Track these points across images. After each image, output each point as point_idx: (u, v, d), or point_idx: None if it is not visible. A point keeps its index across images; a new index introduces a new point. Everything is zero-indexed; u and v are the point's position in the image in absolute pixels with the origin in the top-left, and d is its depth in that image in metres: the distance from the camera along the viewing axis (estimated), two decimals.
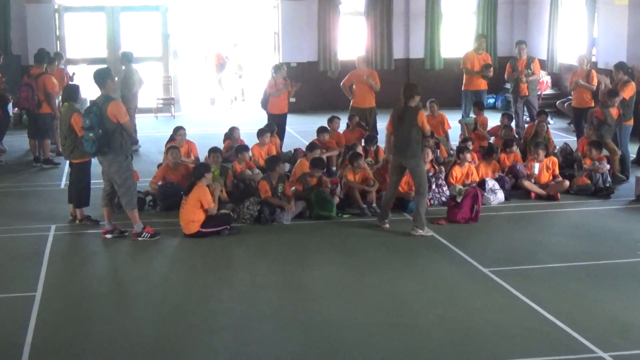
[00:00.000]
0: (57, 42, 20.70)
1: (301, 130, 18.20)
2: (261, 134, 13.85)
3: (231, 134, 14.43)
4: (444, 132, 15.14)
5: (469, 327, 7.77)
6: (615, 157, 13.58)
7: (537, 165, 12.79)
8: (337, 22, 21.61)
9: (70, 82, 16.55)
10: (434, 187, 12.07)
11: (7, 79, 16.19)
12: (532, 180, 12.75)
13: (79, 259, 10.15)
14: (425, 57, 22.14)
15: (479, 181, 12.48)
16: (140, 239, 10.56)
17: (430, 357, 7.21)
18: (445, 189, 12.21)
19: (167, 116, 20.96)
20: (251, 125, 16.56)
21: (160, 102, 21.26)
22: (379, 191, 12.06)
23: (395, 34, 21.93)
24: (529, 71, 16.59)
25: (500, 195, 12.35)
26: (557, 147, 14.92)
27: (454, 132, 15.78)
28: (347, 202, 11.92)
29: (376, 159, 13.51)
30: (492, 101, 21.27)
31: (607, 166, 13.05)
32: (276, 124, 15.01)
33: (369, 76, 15.61)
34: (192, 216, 10.65)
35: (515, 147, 13.63)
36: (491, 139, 14.92)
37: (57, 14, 20.87)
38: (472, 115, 16.28)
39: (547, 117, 15.53)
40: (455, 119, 16.61)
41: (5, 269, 9.66)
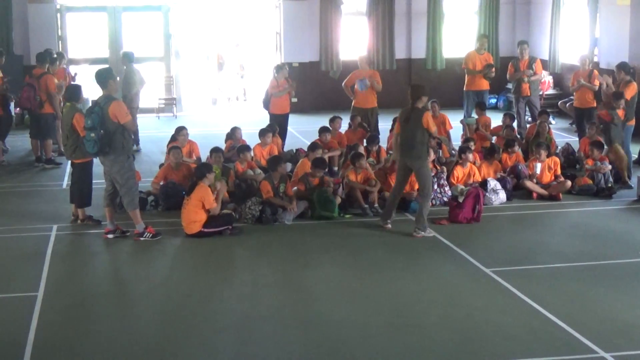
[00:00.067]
0: (59, 42, 20.73)
1: (303, 130, 18.20)
2: (263, 134, 13.86)
3: (233, 134, 14.44)
4: (446, 132, 15.15)
5: (471, 327, 7.77)
6: (623, 164, 13.36)
7: (539, 165, 12.79)
8: (338, 22, 21.61)
9: (72, 82, 16.57)
10: (435, 187, 12.06)
11: (9, 79, 16.19)
12: (534, 180, 12.75)
13: (80, 259, 10.16)
14: (427, 57, 22.13)
15: (480, 181, 12.48)
16: (142, 239, 10.57)
17: (431, 357, 7.21)
18: (447, 189, 12.21)
19: (169, 116, 20.97)
20: (253, 125, 16.57)
21: (162, 102, 21.28)
22: (380, 191, 12.07)
23: (397, 34, 21.93)
24: (531, 71, 16.59)
25: (502, 195, 12.35)
26: (559, 147, 14.92)
27: (455, 132, 15.78)
28: (348, 202, 11.92)
29: (378, 159, 13.51)
30: (493, 101, 21.28)
31: (609, 166, 13.03)
32: (278, 124, 15.02)
33: (369, 78, 15.60)
34: (194, 216, 10.65)
35: (517, 147, 13.64)
36: (493, 139, 14.93)
37: (59, 14, 20.90)
38: (474, 115, 16.28)
39: (549, 117, 15.54)
40: (457, 119, 16.60)
41: (7, 268, 9.67)
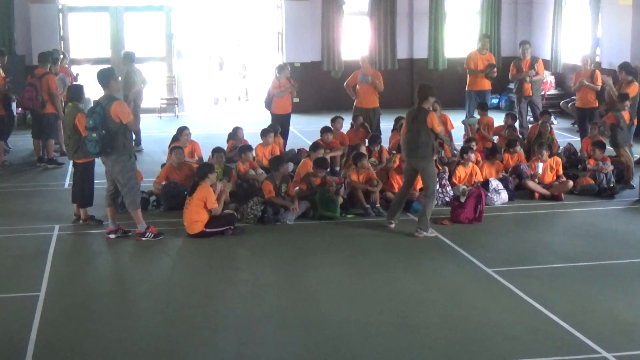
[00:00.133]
0: (61, 42, 20.73)
1: (305, 130, 18.19)
2: (265, 134, 13.86)
3: (235, 134, 14.44)
4: (447, 132, 15.13)
5: (472, 327, 7.76)
6: (629, 166, 13.31)
7: (540, 165, 12.78)
8: (340, 22, 21.61)
9: (74, 82, 16.58)
10: (437, 187, 12.05)
11: (11, 79, 16.21)
12: (536, 180, 12.74)
13: (82, 258, 10.16)
14: (429, 57, 22.13)
15: (482, 181, 12.48)
16: (143, 239, 10.56)
17: (433, 357, 7.20)
18: (448, 189, 12.21)
19: (171, 116, 20.98)
20: (255, 125, 16.57)
21: (164, 102, 21.28)
22: (382, 191, 12.06)
23: (399, 34, 21.93)
24: (533, 71, 16.58)
25: (504, 195, 12.35)
26: (561, 147, 14.92)
27: (457, 132, 15.77)
28: (350, 203, 11.92)
29: (380, 159, 13.51)
30: (495, 101, 21.27)
31: (611, 166, 13.02)
32: (280, 124, 15.02)
33: (372, 76, 15.60)
34: (196, 216, 10.64)
35: (518, 147, 13.63)
36: (495, 139, 14.92)
37: (61, 14, 20.91)
38: (475, 115, 16.27)
39: (551, 117, 15.52)
40: (459, 119, 16.60)
41: (9, 268, 9.67)
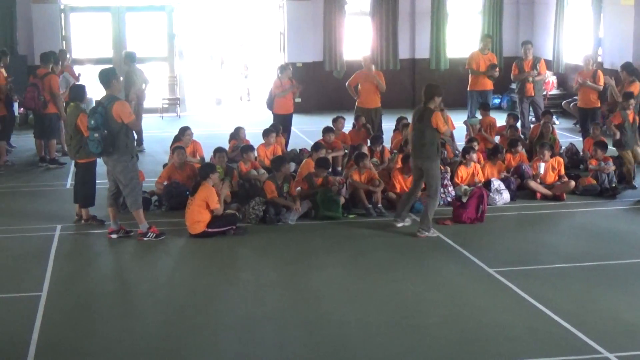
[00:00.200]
0: (63, 42, 20.74)
1: (306, 130, 18.19)
2: (267, 134, 13.85)
3: (237, 134, 14.44)
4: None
5: (474, 327, 7.76)
6: (629, 169, 13.23)
7: (542, 165, 12.77)
8: (342, 22, 21.60)
9: (76, 82, 16.59)
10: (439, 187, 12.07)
11: (13, 79, 16.22)
12: (538, 180, 12.73)
13: (84, 258, 10.17)
14: (430, 57, 22.12)
15: (484, 181, 12.47)
16: (145, 239, 10.57)
17: (435, 357, 7.20)
18: (450, 189, 12.20)
19: (173, 116, 20.98)
20: (257, 125, 16.57)
21: (165, 102, 21.29)
22: (384, 191, 12.06)
23: (400, 34, 21.91)
24: (535, 72, 16.58)
25: (505, 195, 12.34)
26: (563, 147, 14.90)
27: (459, 132, 15.76)
28: (352, 203, 11.91)
29: (382, 159, 13.51)
30: (497, 101, 21.27)
31: (613, 166, 13.01)
32: (282, 124, 15.02)
33: (375, 75, 15.61)
34: (198, 216, 10.65)
35: (520, 147, 13.61)
36: (497, 139, 14.91)
37: (63, 14, 20.91)
38: (477, 115, 16.27)
39: (552, 117, 15.50)
40: (460, 119, 16.59)
41: (11, 268, 9.68)
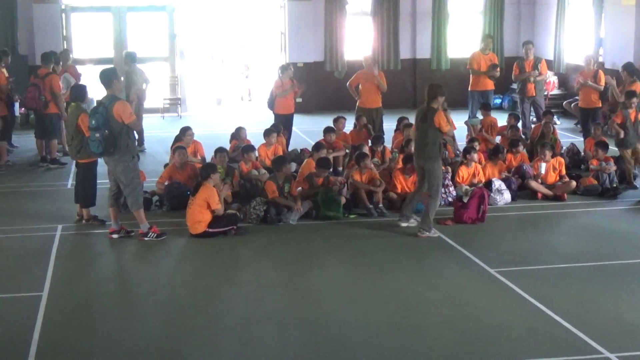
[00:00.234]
0: (64, 42, 20.73)
1: (307, 130, 18.19)
2: (267, 134, 13.85)
3: (238, 134, 14.43)
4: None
5: (475, 327, 7.76)
6: (629, 168, 13.26)
7: (543, 165, 12.76)
8: (343, 22, 21.60)
9: (77, 82, 16.61)
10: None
11: (14, 79, 16.22)
12: (539, 180, 12.73)
13: (85, 258, 10.17)
14: (431, 58, 22.11)
15: (485, 181, 12.47)
16: (146, 239, 10.57)
17: (435, 357, 7.20)
18: (451, 189, 12.19)
19: (174, 116, 20.97)
20: (258, 125, 16.57)
21: (166, 102, 21.29)
22: (385, 191, 12.06)
23: (401, 34, 21.91)
24: (537, 71, 16.57)
25: (506, 195, 12.34)
26: (564, 147, 14.89)
27: (460, 132, 15.75)
28: (353, 203, 11.91)
29: (383, 159, 13.50)
30: (498, 101, 21.25)
31: (614, 166, 13.01)
32: (283, 124, 15.02)
33: (376, 75, 15.60)
34: (199, 216, 10.65)
35: (521, 147, 13.61)
36: (498, 139, 14.91)
37: (64, 14, 20.90)
38: (478, 115, 16.26)
39: (553, 117, 15.49)
40: (462, 119, 16.59)
41: (12, 268, 9.69)
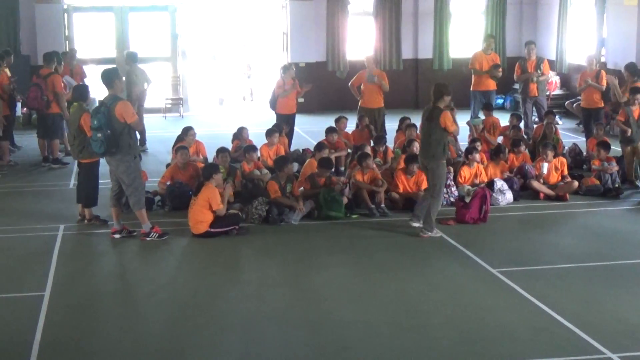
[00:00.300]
0: (66, 42, 20.76)
1: (309, 130, 18.20)
2: (270, 134, 13.86)
3: (240, 134, 14.44)
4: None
5: (478, 327, 7.76)
6: (630, 167, 13.25)
7: (545, 165, 12.76)
8: (345, 23, 21.61)
9: (82, 81, 16.67)
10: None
11: (16, 79, 16.23)
12: (541, 180, 12.72)
13: (87, 258, 10.17)
14: (433, 58, 22.12)
15: (487, 182, 12.46)
16: (148, 238, 10.57)
17: (437, 357, 7.19)
18: (453, 189, 12.19)
19: (176, 116, 20.99)
20: (260, 125, 16.57)
21: (168, 102, 21.30)
22: (387, 192, 12.05)
23: (403, 34, 21.91)
24: (539, 71, 16.57)
25: (508, 195, 12.33)
26: (566, 147, 14.89)
27: (462, 132, 15.72)
28: (355, 203, 11.91)
29: (385, 160, 13.50)
30: (500, 101, 21.25)
31: (616, 166, 13.00)
32: (285, 124, 15.01)
33: (377, 76, 15.58)
34: (201, 216, 10.65)
35: (523, 147, 13.61)
36: (500, 139, 14.90)
37: (66, 14, 20.93)
38: (480, 115, 16.25)
39: (555, 117, 15.48)
40: (464, 119, 16.57)
41: (14, 268, 9.69)
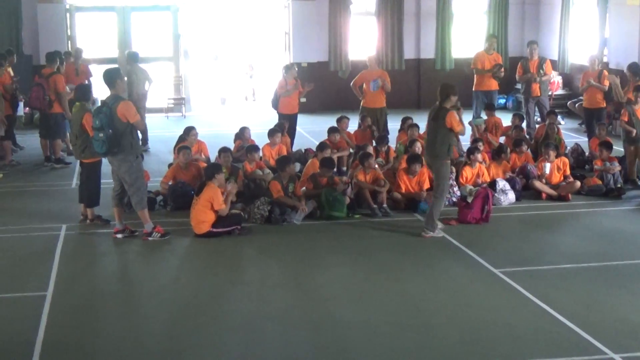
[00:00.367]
0: (69, 42, 20.78)
1: (311, 130, 18.20)
2: (272, 134, 13.86)
3: (242, 134, 14.44)
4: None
5: (480, 327, 7.75)
6: (633, 167, 13.26)
7: (548, 165, 12.75)
8: (347, 22, 21.62)
9: (86, 80, 16.75)
10: None
11: (19, 79, 16.25)
12: (543, 180, 12.72)
13: (89, 258, 10.17)
14: (436, 58, 22.12)
15: (489, 182, 12.46)
16: (150, 238, 10.57)
17: (439, 357, 7.19)
18: (456, 189, 12.19)
19: (178, 116, 21.00)
20: (262, 125, 16.57)
21: (171, 102, 21.32)
22: (389, 191, 12.05)
23: (406, 34, 21.91)
24: (542, 71, 16.56)
25: (511, 195, 12.33)
26: (568, 147, 14.88)
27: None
28: (357, 203, 11.91)
29: (387, 159, 13.51)
30: (502, 101, 21.24)
31: (618, 167, 12.99)
32: (287, 124, 15.01)
33: (380, 78, 15.57)
34: (203, 216, 10.65)
35: (525, 147, 13.60)
36: (502, 139, 14.90)
37: (68, 14, 20.96)
38: (482, 115, 16.24)
39: (557, 117, 15.48)
40: (466, 119, 16.52)
41: (16, 268, 9.70)
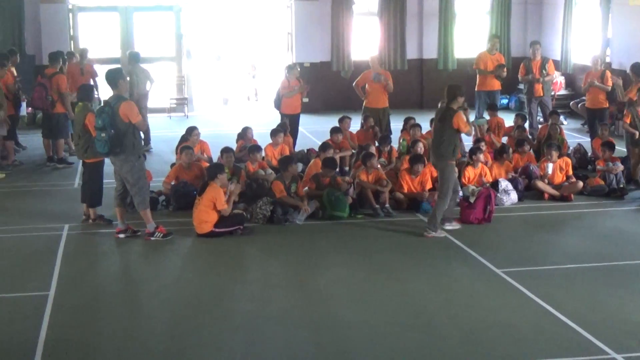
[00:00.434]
0: (71, 42, 20.78)
1: (314, 130, 18.19)
2: (274, 134, 13.86)
3: (244, 134, 14.44)
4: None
5: (482, 327, 7.75)
6: (637, 167, 13.24)
7: (550, 165, 12.74)
8: (350, 23, 21.60)
9: (91, 79, 16.77)
10: None
11: (21, 79, 16.26)
12: (546, 181, 12.71)
13: (92, 258, 10.18)
14: (438, 58, 22.10)
15: (492, 182, 12.45)
16: (152, 238, 10.58)
17: (442, 357, 7.19)
18: (458, 189, 12.17)
19: (181, 116, 21.00)
20: (264, 125, 16.57)
21: (173, 102, 21.32)
22: (391, 192, 12.05)
23: (408, 34, 21.90)
24: (544, 72, 16.55)
25: (513, 196, 12.32)
26: (571, 147, 14.87)
27: None
28: (359, 203, 11.91)
29: (389, 160, 13.50)
30: (505, 102, 21.23)
31: (621, 167, 12.98)
32: (289, 124, 15.01)
33: (382, 74, 15.56)
34: (205, 216, 10.65)
35: (527, 147, 13.59)
36: (504, 139, 14.89)
37: (71, 14, 20.95)
38: (485, 116, 16.24)
39: (559, 118, 15.47)
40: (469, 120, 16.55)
41: (19, 268, 9.71)
